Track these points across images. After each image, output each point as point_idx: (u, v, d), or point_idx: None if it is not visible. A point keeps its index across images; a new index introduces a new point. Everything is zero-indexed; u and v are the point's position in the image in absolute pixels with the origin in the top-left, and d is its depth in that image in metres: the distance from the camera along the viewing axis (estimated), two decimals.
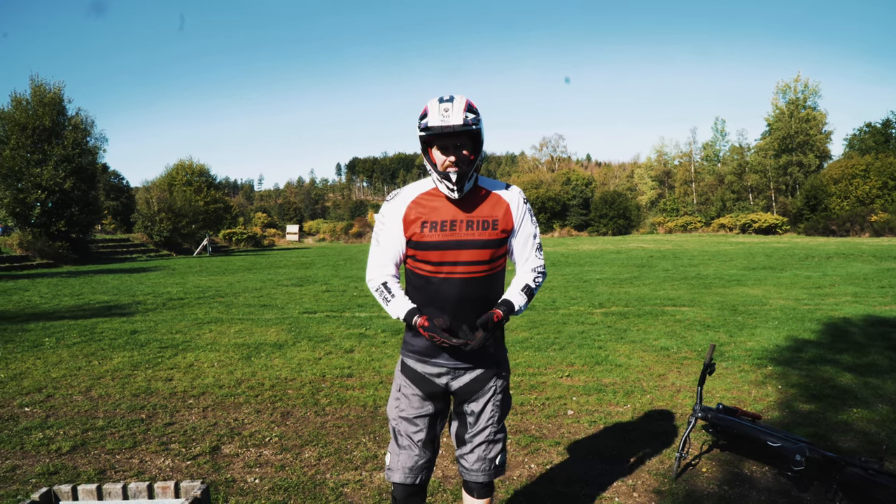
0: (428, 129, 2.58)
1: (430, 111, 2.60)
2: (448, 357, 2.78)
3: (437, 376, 2.81)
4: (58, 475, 4.41)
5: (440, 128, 2.56)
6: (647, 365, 7.19)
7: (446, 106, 2.59)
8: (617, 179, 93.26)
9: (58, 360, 8.02)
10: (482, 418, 2.86)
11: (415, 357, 2.83)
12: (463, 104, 2.60)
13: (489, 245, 2.71)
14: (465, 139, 2.66)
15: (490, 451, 2.88)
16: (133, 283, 19.48)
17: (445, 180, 2.64)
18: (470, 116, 2.59)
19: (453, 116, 2.56)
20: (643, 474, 4.31)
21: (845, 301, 11.88)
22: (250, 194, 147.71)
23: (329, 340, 8.93)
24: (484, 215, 2.73)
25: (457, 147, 2.64)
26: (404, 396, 2.87)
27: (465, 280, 2.70)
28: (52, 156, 32.32)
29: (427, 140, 2.69)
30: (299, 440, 5.05)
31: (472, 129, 2.59)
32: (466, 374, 2.81)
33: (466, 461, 2.90)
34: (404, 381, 2.87)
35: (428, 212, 2.72)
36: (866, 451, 4.54)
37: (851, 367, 6.84)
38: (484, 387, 2.84)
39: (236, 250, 48.94)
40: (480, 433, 2.86)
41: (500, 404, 2.89)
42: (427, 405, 2.85)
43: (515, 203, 2.80)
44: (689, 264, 21.87)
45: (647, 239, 51.54)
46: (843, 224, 50.95)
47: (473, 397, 2.84)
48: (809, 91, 64.95)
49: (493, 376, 2.85)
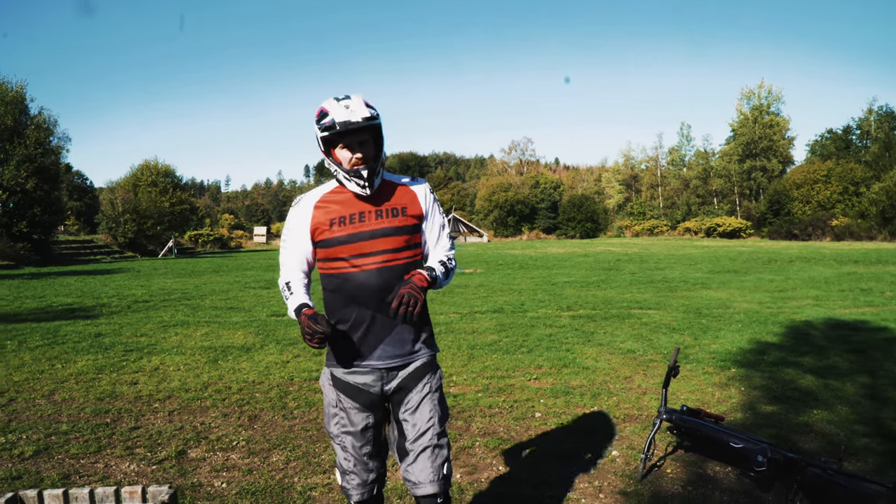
0: (333, 126, 2.53)
1: (332, 109, 2.56)
2: (375, 357, 2.71)
3: (370, 385, 2.73)
4: (21, 480, 4.34)
5: (346, 123, 2.52)
6: (614, 367, 7.27)
7: (346, 103, 2.56)
8: (585, 183, 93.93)
9: (20, 363, 7.88)
10: (421, 419, 2.73)
11: (342, 367, 2.76)
12: (361, 100, 2.59)
13: (401, 231, 2.69)
14: (368, 135, 2.63)
15: (436, 457, 2.71)
16: (97, 285, 19.19)
17: (356, 178, 2.61)
18: (371, 111, 2.57)
19: (357, 112, 2.54)
20: (609, 475, 4.36)
21: (807, 304, 12.12)
22: (217, 195, 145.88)
23: (297, 343, 8.88)
24: (392, 204, 2.71)
25: (361, 143, 2.61)
26: (343, 410, 2.78)
27: (380, 270, 2.65)
28: (14, 155, 31.78)
29: (330, 140, 2.62)
30: (267, 444, 5.03)
31: (375, 122, 2.58)
32: (398, 374, 2.73)
33: (412, 473, 2.71)
34: (339, 394, 2.79)
35: (335, 209, 2.70)
36: (826, 451, 4.64)
37: (812, 369, 6.98)
38: (418, 383, 2.75)
39: (202, 252, 48.46)
40: (422, 437, 2.71)
41: (439, 404, 2.79)
42: (368, 416, 2.77)
43: (422, 193, 2.80)
44: (656, 268, 22.13)
45: (614, 242, 52.05)
46: (805, 228, 51.98)
47: (408, 398, 2.74)
48: (773, 97, 66.23)
49: (426, 373, 2.77)
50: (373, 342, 2.71)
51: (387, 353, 2.71)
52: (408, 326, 2.73)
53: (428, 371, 2.79)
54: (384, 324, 2.69)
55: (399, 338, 2.72)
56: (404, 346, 2.74)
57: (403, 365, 2.74)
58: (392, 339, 2.71)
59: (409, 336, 2.75)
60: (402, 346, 2.73)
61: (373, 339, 2.70)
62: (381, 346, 2.71)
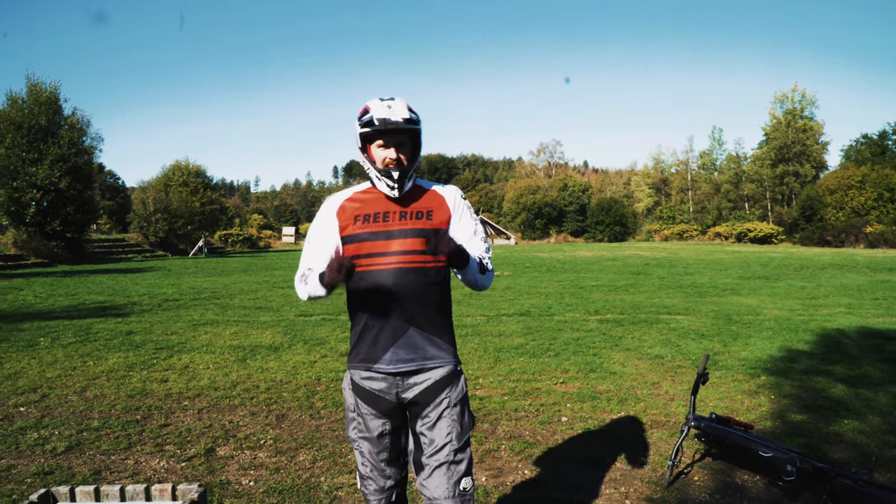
0: (371, 123, 2.57)
1: (374, 107, 2.61)
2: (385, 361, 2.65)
3: (385, 391, 2.68)
4: (53, 475, 4.42)
5: (385, 121, 2.56)
6: (642, 373, 7.22)
7: (389, 103, 2.61)
8: (614, 186, 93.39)
9: (53, 360, 8.02)
10: (438, 435, 2.65)
11: (359, 370, 2.72)
12: (405, 103, 2.64)
13: (423, 234, 2.64)
14: (406, 138, 2.65)
15: (453, 473, 2.63)
16: (128, 283, 19.48)
17: (386, 178, 2.61)
18: (412, 115, 2.61)
19: (397, 112, 2.58)
20: (635, 482, 4.33)
21: (839, 312, 11.94)
22: (246, 196, 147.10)
23: (324, 343, 8.95)
24: (419, 207, 2.71)
25: (398, 145, 2.63)
26: (360, 416, 2.75)
27: (397, 270, 2.61)
28: (48, 155, 32.34)
29: (368, 136, 2.65)
30: (294, 443, 5.07)
31: (415, 126, 2.61)
32: (412, 382, 2.67)
33: (427, 489, 2.65)
34: (357, 399, 2.75)
35: (361, 206, 2.71)
36: (857, 462, 4.57)
37: (844, 378, 6.88)
38: (436, 398, 2.67)
39: (232, 252, 48.94)
40: (438, 453, 2.64)
41: (458, 418, 2.69)
42: (385, 422, 2.73)
43: (451, 197, 2.78)
44: (685, 272, 21.94)
45: (643, 246, 51.65)
46: (838, 235, 51.09)
47: (425, 412, 2.67)
48: (807, 101, 65.12)
49: (445, 386, 2.68)
50: (385, 345, 2.66)
51: (398, 356, 2.65)
52: (421, 331, 2.67)
53: (447, 385, 2.69)
54: (397, 327, 2.65)
55: (410, 342, 2.65)
56: (416, 350, 2.66)
57: (416, 371, 2.66)
58: (403, 343, 2.65)
59: (423, 341, 2.67)
60: (414, 351, 2.66)
61: (385, 341, 2.65)
62: (392, 349, 2.65)
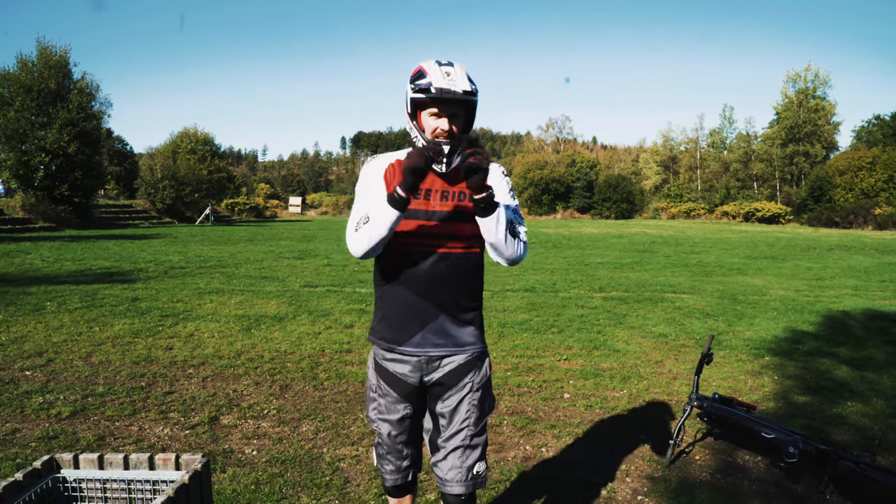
0: (428, 90, 2.31)
1: (431, 72, 2.35)
2: (414, 343, 2.56)
3: (408, 375, 2.60)
4: (57, 440, 4.46)
5: (443, 90, 2.30)
6: (645, 351, 7.22)
7: (448, 70, 2.35)
8: (622, 163, 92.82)
9: (59, 324, 8.06)
10: (456, 419, 2.61)
11: (384, 345, 2.62)
12: (464, 71, 2.39)
13: (461, 218, 2.49)
14: (461, 110, 2.42)
15: (466, 457, 2.60)
16: (135, 249, 19.53)
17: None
18: (473, 86, 2.37)
19: (458, 82, 2.33)
20: (637, 460, 4.34)
21: (845, 294, 11.90)
22: (254, 165, 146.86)
23: (329, 315, 8.97)
24: (462, 187, 2.50)
25: (452, 116, 2.40)
26: (381, 397, 2.69)
27: (435, 254, 2.49)
28: (57, 119, 32.33)
29: (420, 103, 2.41)
30: (297, 413, 5.09)
31: (473, 98, 2.37)
32: (439, 368, 2.59)
33: (441, 470, 2.63)
34: (379, 380, 2.69)
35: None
36: (859, 445, 4.57)
37: (848, 360, 6.87)
38: (459, 381, 2.60)
39: (238, 220, 48.98)
40: (454, 437, 2.60)
41: (479, 403, 2.63)
42: (406, 406, 2.67)
43: (494, 174, 2.58)
44: (691, 251, 21.88)
45: (649, 224, 51.49)
46: (846, 216, 50.80)
47: (447, 394, 2.61)
48: (819, 81, 64.37)
49: (470, 370, 2.61)
50: (415, 327, 2.56)
51: (428, 340, 2.56)
52: (452, 318, 2.57)
53: (472, 369, 2.62)
54: (428, 311, 2.54)
55: (441, 328, 2.56)
56: (446, 336, 2.57)
57: (445, 356, 2.59)
58: (434, 328, 2.55)
59: (454, 327, 2.58)
60: (444, 337, 2.57)
61: (415, 323, 2.55)
62: (422, 332, 2.55)
